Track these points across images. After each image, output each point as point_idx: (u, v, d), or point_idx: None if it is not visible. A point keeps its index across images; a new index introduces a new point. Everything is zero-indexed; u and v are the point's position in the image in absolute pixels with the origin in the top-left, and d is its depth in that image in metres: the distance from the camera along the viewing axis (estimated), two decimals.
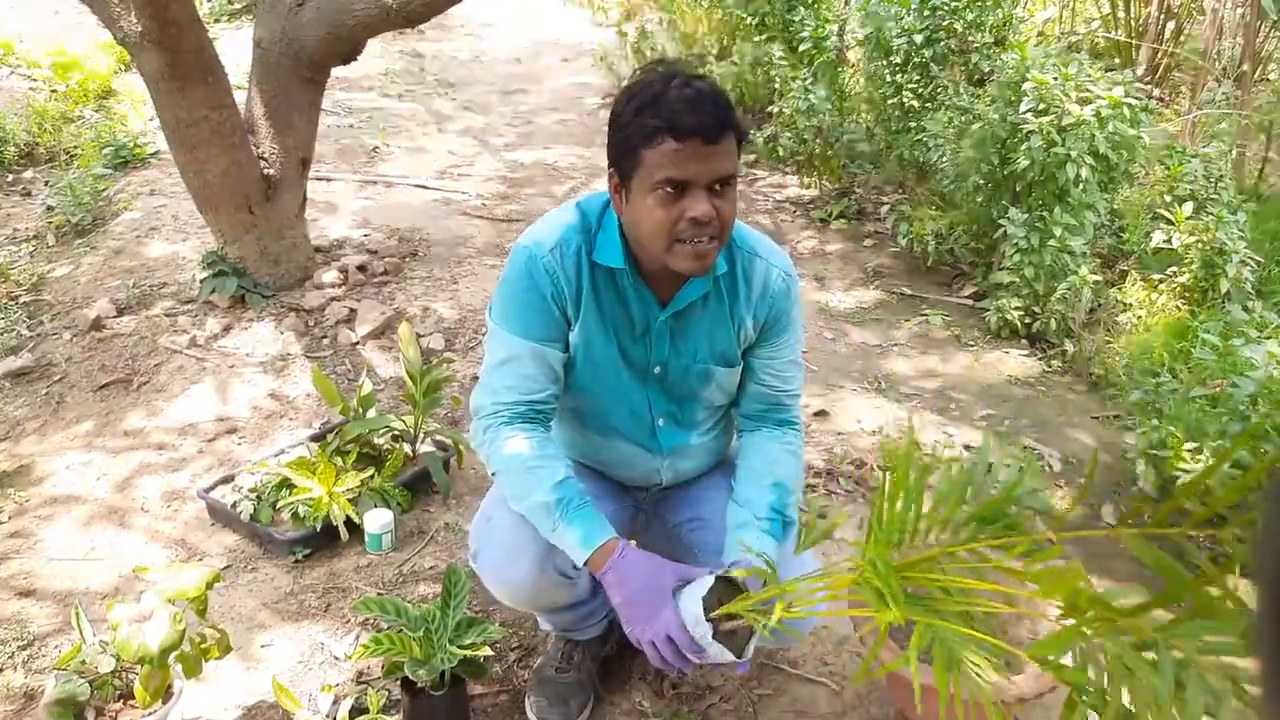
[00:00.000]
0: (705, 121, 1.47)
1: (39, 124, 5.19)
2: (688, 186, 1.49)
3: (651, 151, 1.48)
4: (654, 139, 1.48)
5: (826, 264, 4.38)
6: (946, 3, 4.37)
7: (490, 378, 1.71)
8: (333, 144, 5.49)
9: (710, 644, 1.56)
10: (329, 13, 3.30)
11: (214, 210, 3.47)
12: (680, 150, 1.47)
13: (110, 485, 2.76)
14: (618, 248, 1.64)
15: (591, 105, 6.62)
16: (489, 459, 1.71)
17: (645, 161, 1.49)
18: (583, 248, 1.66)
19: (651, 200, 1.50)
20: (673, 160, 1.47)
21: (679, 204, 1.49)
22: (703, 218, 1.49)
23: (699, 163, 1.48)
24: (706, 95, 1.49)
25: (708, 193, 1.50)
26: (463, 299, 3.81)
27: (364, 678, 2.12)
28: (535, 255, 1.65)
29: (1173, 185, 3.75)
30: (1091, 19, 6.59)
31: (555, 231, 1.67)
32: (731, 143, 1.52)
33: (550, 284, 1.65)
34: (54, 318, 3.56)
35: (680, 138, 1.46)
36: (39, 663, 2.13)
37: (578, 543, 1.60)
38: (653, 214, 1.51)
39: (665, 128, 1.46)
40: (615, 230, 1.65)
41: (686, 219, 1.50)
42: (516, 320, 1.68)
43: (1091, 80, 3.63)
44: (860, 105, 5.32)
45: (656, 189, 1.49)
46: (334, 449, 2.63)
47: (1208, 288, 3.51)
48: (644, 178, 1.50)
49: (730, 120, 1.51)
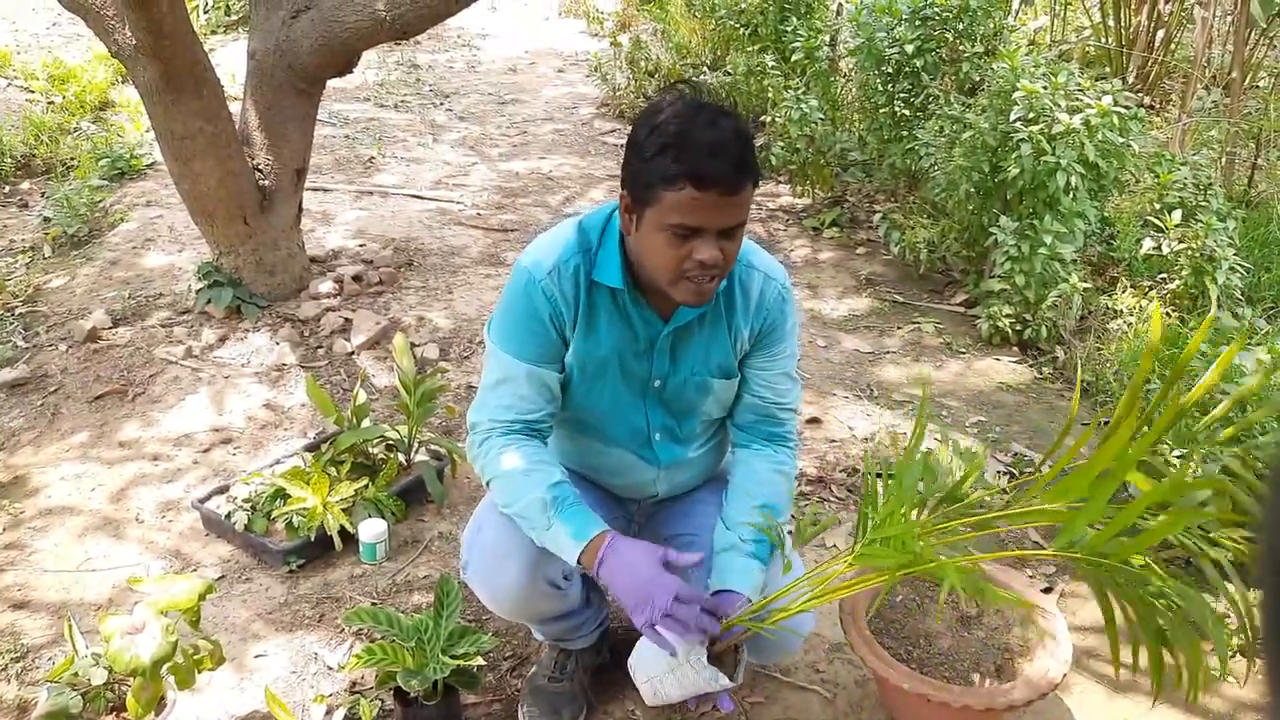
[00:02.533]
0: (726, 172, 1.47)
1: (36, 136, 5.20)
2: (699, 232, 1.51)
3: (670, 194, 1.48)
4: (674, 183, 1.48)
5: (819, 272, 4.40)
6: (938, 13, 4.40)
7: (487, 395, 1.73)
8: (328, 155, 5.50)
9: (704, 668, 1.57)
10: (323, 25, 3.32)
11: (209, 221, 3.49)
12: (698, 199, 1.47)
13: (105, 496, 2.77)
14: (618, 267, 1.66)
15: (586, 115, 6.64)
16: (484, 468, 1.72)
17: (662, 201, 1.50)
18: (581, 267, 1.68)
19: (661, 238, 1.52)
20: (689, 208, 1.48)
21: (688, 245, 1.51)
22: (709, 262, 1.51)
23: (714, 212, 1.49)
24: (730, 139, 1.48)
25: (718, 237, 1.52)
26: (458, 309, 3.82)
27: (357, 688, 2.13)
28: (534, 278, 1.67)
29: (1162, 192, 3.77)
30: (1082, 28, 6.63)
31: (554, 252, 1.68)
32: (749, 191, 1.53)
33: (549, 306, 1.67)
34: (50, 329, 3.57)
35: (700, 187, 1.46)
36: (32, 675, 2.14)
37: (571, 536, 1.61)
38: (662, 251, 1.53)
39: (686, 174, 1.46)
40: (616, 248, 1.66)
41: (693, 260, 1.51)
42: (514, 342, 1.70)
43: (1081, 89, 3.65)
44: (852, 114, 5.34)
45: (668, 230, 1.51)
46: (328, 459, 2.64)
47: (1198, 294, 3.52)
48: (657, 215, 1.51)
49: (750, 168, 1.51)
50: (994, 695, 1.85)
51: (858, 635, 1.95)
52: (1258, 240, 4.05)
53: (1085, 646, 2.30)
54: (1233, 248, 3.50)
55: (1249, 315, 3.27)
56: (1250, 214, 4.30)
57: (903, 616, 2.11)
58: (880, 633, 2.03)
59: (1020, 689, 1.86)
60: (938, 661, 2.01)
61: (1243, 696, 2.18)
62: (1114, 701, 2.16)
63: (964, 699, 1.82)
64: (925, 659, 2.01)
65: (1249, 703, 2.16)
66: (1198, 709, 2.14)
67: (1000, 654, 2.02)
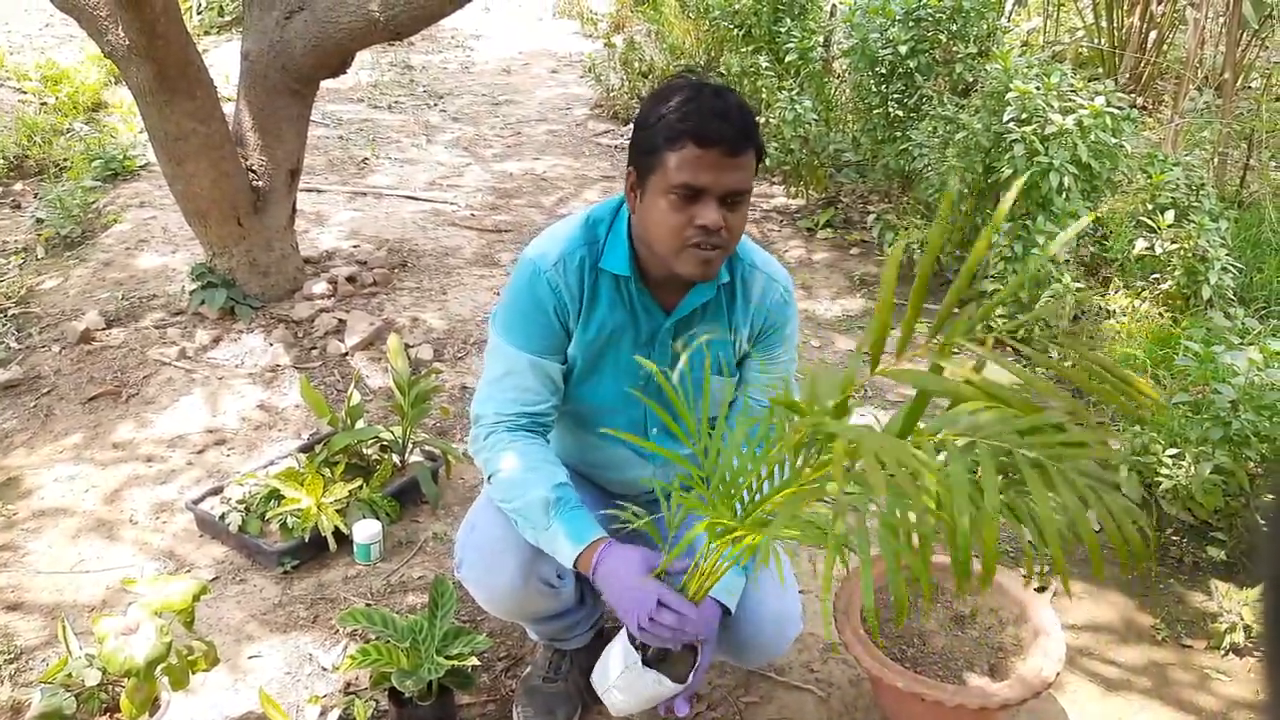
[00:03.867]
0: (730, 133, 1.51)
1: (29, 137, 5.19)
2: (701, 194, 1.53)
3: (673, 154, 1.52)
4: (677, 142, 1.52)
5: (813, 273, 4.41)
6: (931, 14, 4.41)
7: (491, 388, 1.74)
8: (322, 155, 5.50)
9: (644, 672, 1.57)
10: (317, 25, 3.32)
11: (203, 222, 3.48)
12: (701, 157, 1.51)
13: (99, 497, 2.76)
14: (625, 255, 1.68)
15: (580, 116, 6.64)
16: (487, 462, 1.72)
17: (665, 163, 1.53)
18: (587, 259, 1.70)
19: (665, 203, 1.55)
20: (692, 165, 1.51)
21: (690, 209, 1.54)
22: (711, 226, 1.53)
23: (717, 173, 1.52)
24: (735, 108, 1.54)
25: (719, 203, 1.53)
26: (452, 310, 3.82)
27: (352, 688, 2.12)
28: (539, 269, 1.69)
29: (1155, 193, 3.78)
30: (1075, 29, 6.64)
31: (560, 244, 1.71)
32: (751, 159, 1.56)
33: (554, 298, 1.69)
34: (43, 330, 3.56)
35: (703, 144, 1.50)
36: (26, 676, 2.13)
37: (569, 537, 1.61)
38: (665, 216, 1.55)
39: (690, 132, 1.51)
40: (625, 237, 1.68)
41: (695, 225, 1.53)
42: (518, 333, 1.70)
43: (1074, 90, 3.66)
44: (846, 115, 5.35)
45: (671, 192, 1.53)
46: (322, 460, 2.64)
47: (1190, 294, 3.53)
48: (660, 179, 1.54)
49: (753, 136, 1.55)
50: (988, 694, 1.86)
51: (852, 634, 1.95)
52: (1250, 241, 4.05)
53: (1079, 645, 2.31)
54: (1225, 248, 3.51)
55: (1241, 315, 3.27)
56: (1242, 215, 4.31)
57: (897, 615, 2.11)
58: (874, 632, 2.04)
59: (1014, 688, 1.86)
60: (932, 660, 2.01)
61: (1236, 695, 2.19)
62: (1107, 700, 2.17)
63: (958, 698, 1.82)
64: (919, 658, 2.01)
65: (1241, 701, 2.17)
66: (1190, 706, 2.15)
67: (994, 653, 2.03)
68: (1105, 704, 2.16)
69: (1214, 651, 2.29)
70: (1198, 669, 2.26)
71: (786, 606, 1.79)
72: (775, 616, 1.76)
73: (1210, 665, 2.27)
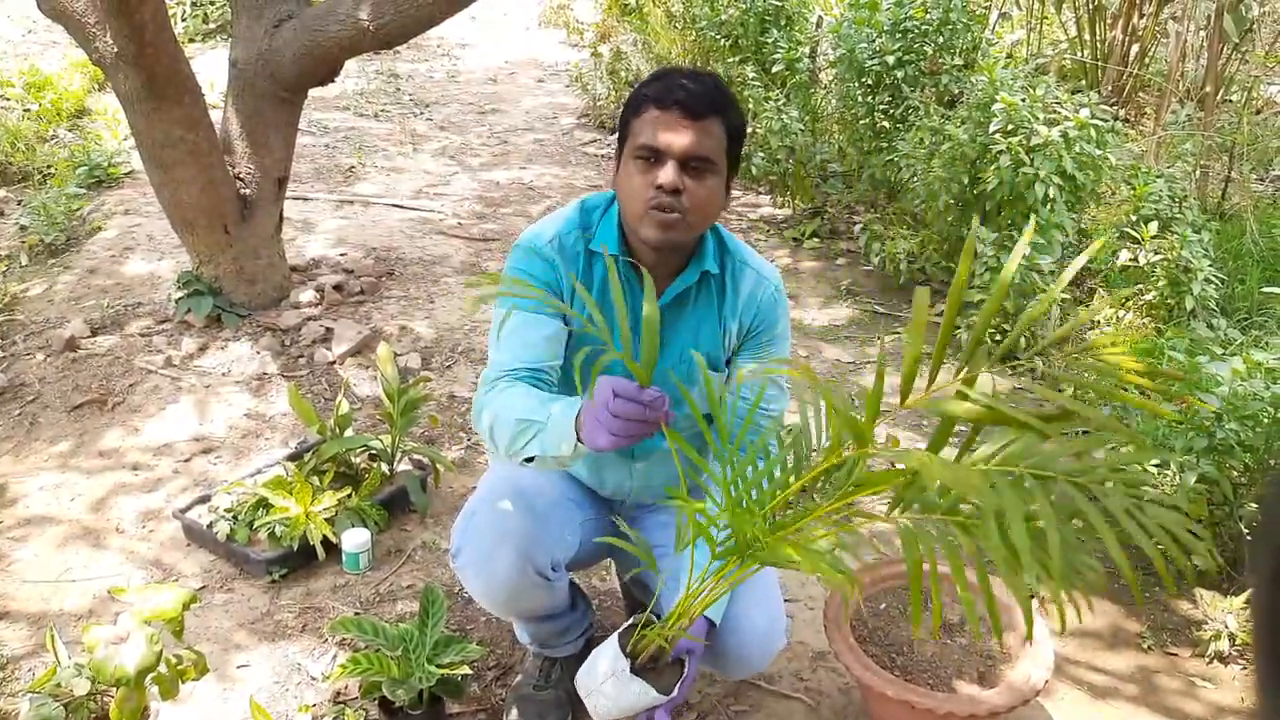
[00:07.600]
0: (688, 96, 1.56)
1: (12, 143, 5.16)
2: (662, 156, 1.57)
3: (637, 120, 1.60)
4: (641, 107, 1.59)
5: (800, 282, 4.43)
6: (918, 26, 4.45)
7: (493, 355, 1.71)
8: (309, 164, 5.49)
9: (630, 680, 1.56)
10: (306, 34, 3.32)
11: (190, 230, 3.47)
12: (659, 118, 1.57)
13: (85, 506, 2.74)
14: (614, 236, 1.71)
15: (567, 125, 6.66)
16: (483, 407, 1.62)
17: (631, 131, 1.61)
18: (581, 240, 1.74)
19: (631, 167, 1.60)
20: (651, 125, 1.57)
21: (652, 172, 1.58)
22: (667, 185, 1.56)
23: (674, 133, 1.56)
24: (704, 79, 1.60)
25: (680, 168, 1.57)
26: (439, 318, 3.82)
27: (341, 698, 2.12)
28: (535, 245, 1.73)
29: (1138, 204, 3.82)
30: (1058, 41, 6.71)
31: (554, 225, 1.76)
32: (717, 128, 1.59)
33: (549, 270, 1.72)
34: (27, 338, 3.54)
35: (662, 106, 1.56)
36: (13, 686, 2.11)
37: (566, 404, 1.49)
38: (630, 180, 1.60)
39: (652, 97, 1.58)
40: (615, 222, 1.72)
41: (654, 186, 1.57)
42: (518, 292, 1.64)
43: (1059, 102, 3.70)
44: (832, 126, 5.38)
45: (635, 156, 1.59)
46: (311, 468, 2.63)
47: (1173, 305, 3.57)
48: (629, 146, 1.61)
49: (720, 106, 1.59)
50: (977, 701, 1.87)
51: (841, 642, 1.96)
52: (1231, 252, 4.10)
53: (1067, 653, 2.33)
54: (1208, 259, 3.56)
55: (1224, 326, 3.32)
56: (1224, 226, 4.36)
57: (886, 624, 2.12)
58: (864, 640, 2.04)
59: (1003, 695, 1.87)
60: (921, 668, 2.02)
61: (1222, 701, 2.21)
62: (1096, 706, 2.18)
63: (947, 705, 1.83)
64: (909, 666, 2.02)
65: (1227, 707, 2.19)
66: (1176, 712, 2.16)
67: (983, 660, 2.04)
68: (1093, 710, 2.17)
69: (1200, 659, 2.32)
70: (1184, 676, 2.28)
71: (773, 621, 1.78)
72: (761, 631, 1.75)
73: (1196, 672, 2.29)
